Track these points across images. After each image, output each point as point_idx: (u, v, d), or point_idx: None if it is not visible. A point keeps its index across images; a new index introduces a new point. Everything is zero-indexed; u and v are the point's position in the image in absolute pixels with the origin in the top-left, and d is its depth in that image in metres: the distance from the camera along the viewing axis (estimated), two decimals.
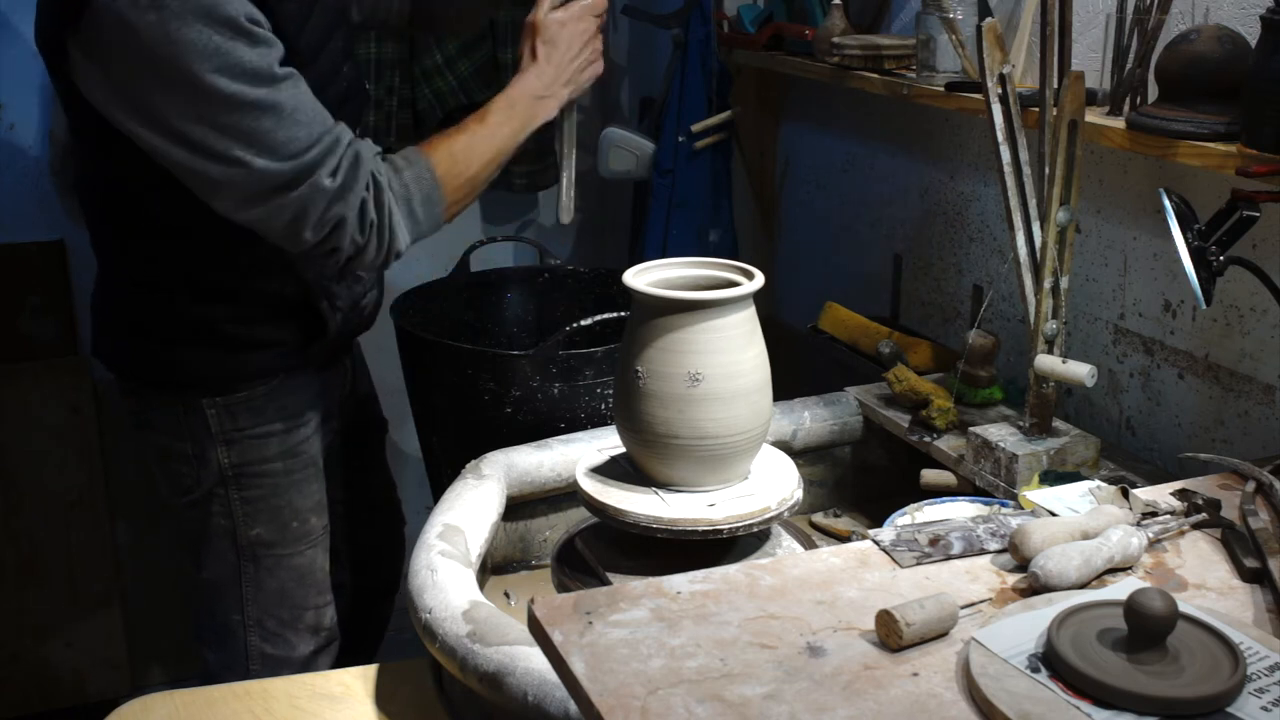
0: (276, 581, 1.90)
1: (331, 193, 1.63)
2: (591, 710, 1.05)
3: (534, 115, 1.86)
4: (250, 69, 1.56)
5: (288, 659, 1.93)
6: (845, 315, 2.33)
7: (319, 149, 1.62)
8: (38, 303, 2.69)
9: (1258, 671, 1.06)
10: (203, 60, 1.53)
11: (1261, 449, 1.66)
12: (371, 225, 1.68)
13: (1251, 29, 1.56)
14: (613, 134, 2.80)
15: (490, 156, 1.81)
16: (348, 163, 1.65)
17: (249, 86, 1.56)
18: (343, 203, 1.65)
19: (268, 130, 1.58)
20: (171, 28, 1.52)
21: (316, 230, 1.65)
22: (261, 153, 1.59)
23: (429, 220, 1.77)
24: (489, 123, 1.82)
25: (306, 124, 1.62)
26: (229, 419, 1.82)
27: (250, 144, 1.58)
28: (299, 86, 1.63)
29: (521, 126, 1.85)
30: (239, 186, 1.61)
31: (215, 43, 1.54)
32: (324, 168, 1.62)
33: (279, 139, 1.59)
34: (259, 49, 1.58)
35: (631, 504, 1.61)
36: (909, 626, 1.12)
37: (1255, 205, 1.45)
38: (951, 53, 2.03)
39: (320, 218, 1.64)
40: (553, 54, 1.87)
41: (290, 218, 1.63)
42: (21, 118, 2.64)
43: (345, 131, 1.68)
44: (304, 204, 1.62)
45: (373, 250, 1.70)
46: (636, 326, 1.60)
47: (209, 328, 1.78)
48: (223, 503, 1.86)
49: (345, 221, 1.65)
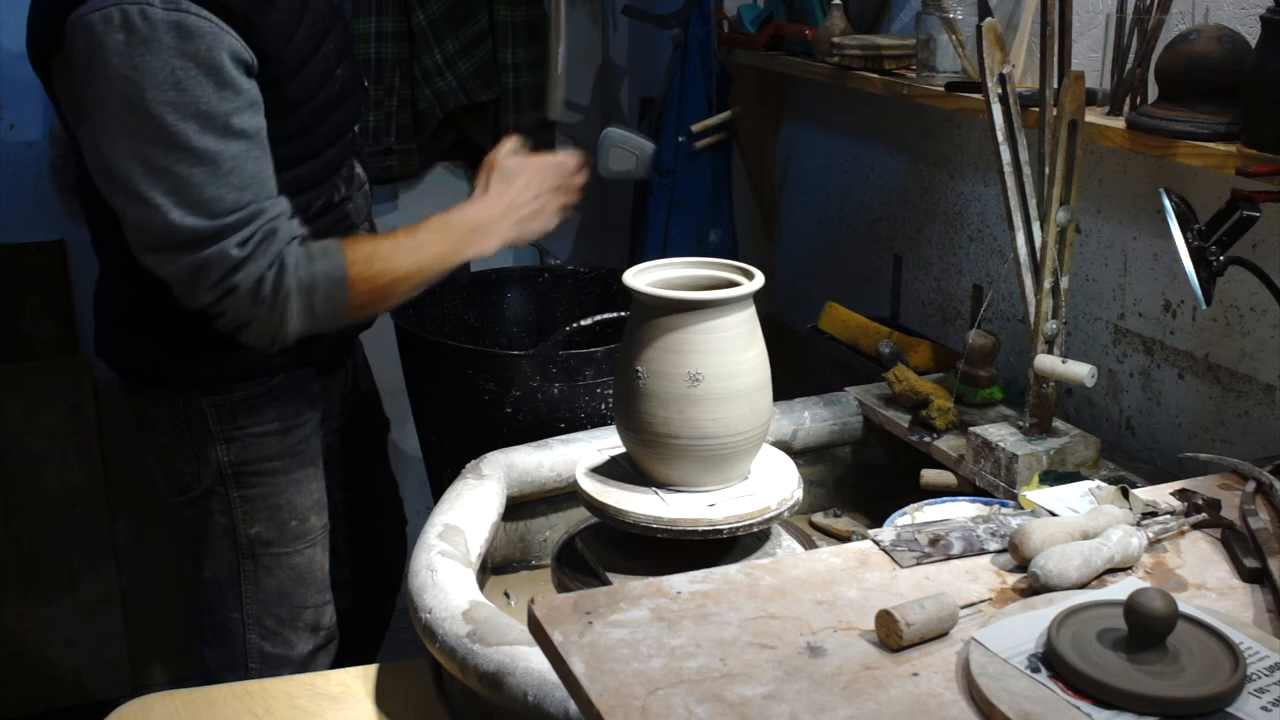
0: (275, 580, 1.90)
1: (234, 261, 1.60)
2: (591, 710, 1.05)
3: (468, 245, 1.79)
4: (204, 111, 1.54)
5: (287, 658, 1.93)
6: (845, 315, 2.33)
7: (238, 216, 1.59)
8: (38, 303, 2.69)
9: (1258, 671, 1.06)
10: (158, 90, 1.51)
11: (1261, 449, 1.66)
12: (264, 302, 1.63)
13: (1251, 29, 1.56)
14: (613, 134, 2.80)
15: (410, 270, 1.73)
16: (260, 236, 1.61)
17: (196, 130, 1.54)
18: (242, 273, 1.60)
19: (197, 183, 1.56)
20: (136, 52, 1.50)
21: (211, 292, 1.62)
22: (181, 204, 1.56)
23: (328, 316, 1.70)
24: (417, 238, 1.76)
25: (238, 188, 1.58)
26: (228, 418, 1.82)
27: (173, 192, 1.56)
28: (251, 151, 1.60)
29: (452, 251, 1.77)
30: (148, 232, 1.59)
31: (178, 76, 1.52)
32: (236, 235, 1.59)
33: (204, 195, 1.56)
34: (224, 93, 1.55)
35: (631, 504, 1.61)
36: (909, 626, 1.12)
37: (1255, 205, 1.45)
38: (951, 53, 2.03)
39: (216, 281, 1.61)
40: (505, 192, 1.82)
41: (189, 275, 1.61)
42: (21, 118, 2.64)
43: (274, 206, 1.64)
44: (206, 264, 1.59)
45: (259, 326, 1.66)
46: (636, 326, 1.60)
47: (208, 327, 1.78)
48: (222, 501, 1.86)
49: (238, 290, 1.61)
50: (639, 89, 3.17)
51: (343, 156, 1.84)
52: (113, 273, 1.85)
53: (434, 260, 1.75)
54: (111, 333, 1.88)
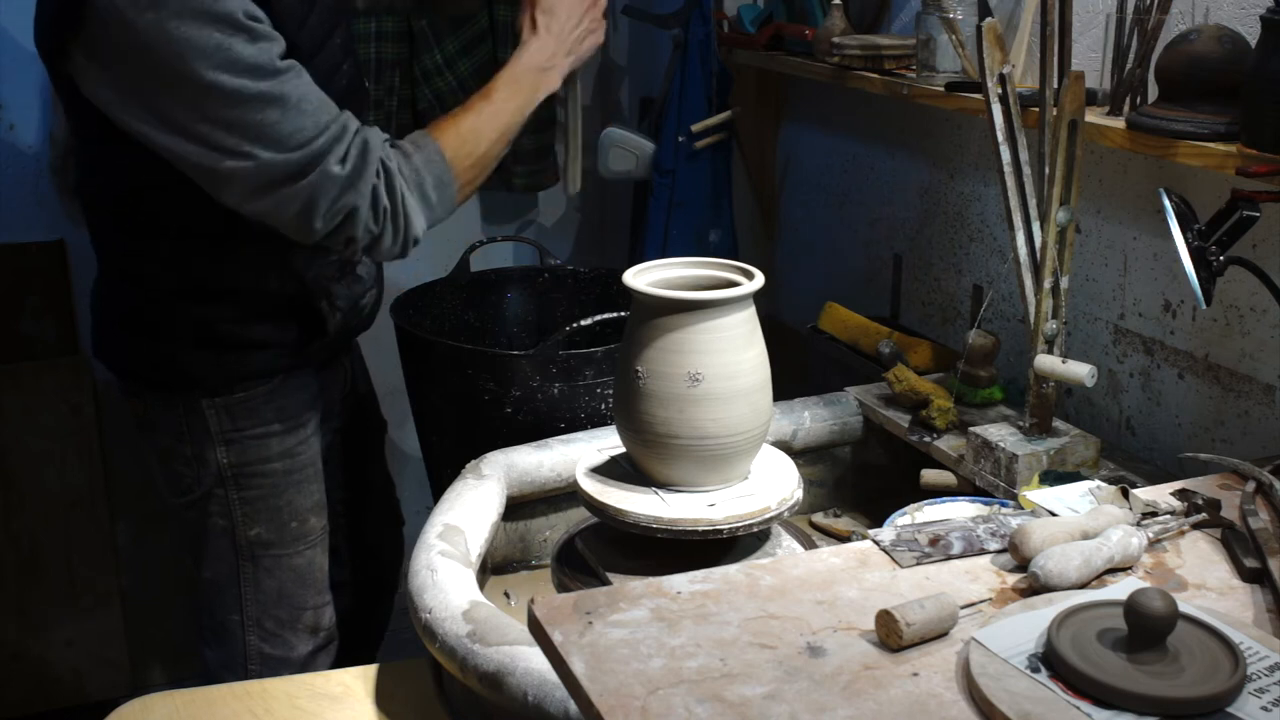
0: (275, 581, 1.90)
1: (341, 181, 1.63)
2: (591, 710, 1.05)
3: (538, 88, 1.85)
4: (251, 64, 1.57)
5: (286, 659, 1.93)
6: (845, 315, 2.33)
7: (325, 138, 1.62)
8: (38, 303, 2.69)
9: (1258, 671, 1.06)
10: (203, 58, 1.54)
11: (1261, 449, 1.66)
12: (385, 212, 1.68)
13: (1251, 29, 1.56)
14: (613, 134, 2.80)
15: (498, 134, 1.81)
16: (356, 150, 1.65)
17: (251, 81, 1.57)
18: (354, 191, 1.64)
19: (273, 122, 1.59)
20: (170, 26, 1.52)
21: (327, 220, 1.65)
22: (268, 145, 1.59)
23: (443, 203, 1.76)
24: (494, 100, 1.82)
25: (312, 114, 1.62)
26: (228, 419, 1.82)
27: (257, 137, 1.59)
28: (301, 77, 1.63)
29: (527, 100, 1.84)
30: (247, 179, 1.61)
31: (215, 40, 1.54)
32: (332, 156, 1.63)
33: (285, 130, 1.60)
34: (259, 44, 1.58)
35: (631, 504, 1.61)
36: (909, 626, 1.12)
37: (1255, 205, 1.45)
38: (951, 53, 2.03)
39: (331, 207, 1.64)
40: (552, 23, 1.87)
41: (299, 208, 1.63)
42: (21, 118, 2.64)
43: (352, 119, 1.68)
44: (313, 193, 1.62)
45: (389, 238, 1.70)
46: (636, 326, 1.60)
47: (209, 328, 1.78)
48: (222, 503, 1.86)
49: (358, 210, 1.65)
50: (639, 89, 3.17)
51: None
52: (113, 273, 1.85)
53: (515, 114, 1.83)
54: (111, 334, 1.88)
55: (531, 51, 1.86)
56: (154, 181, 1.67)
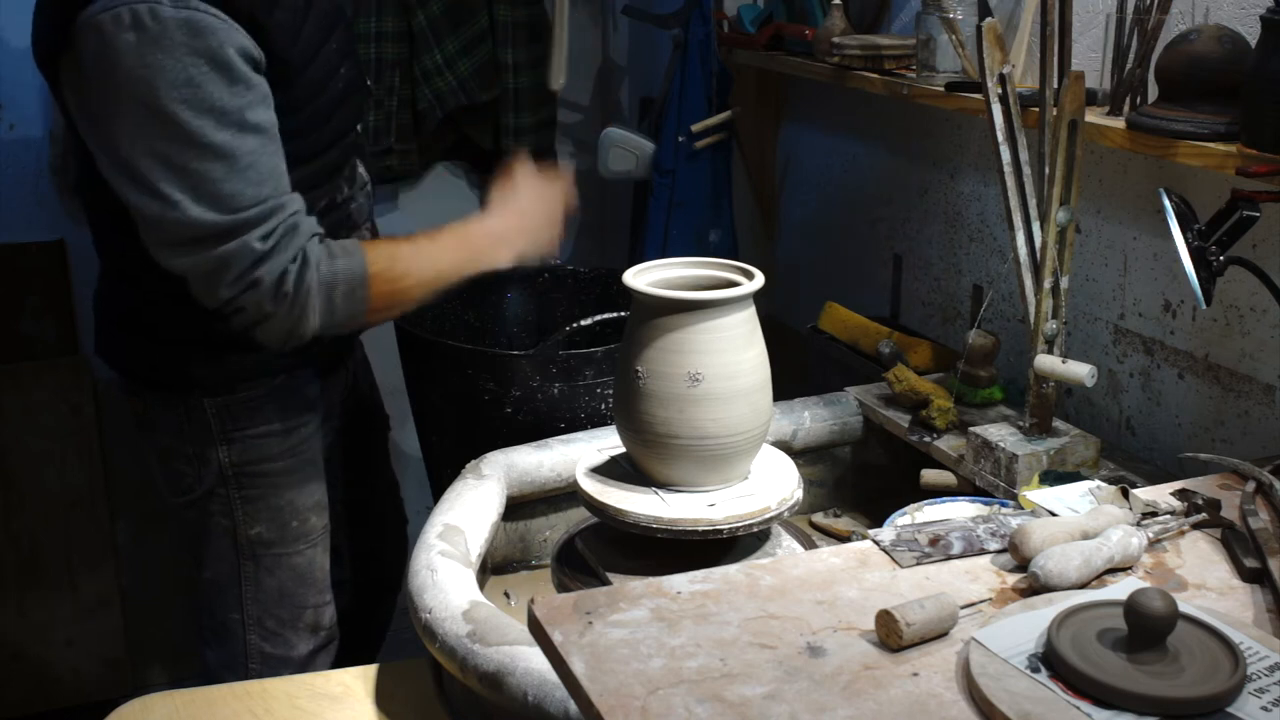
0: (276, 581, 1.90)
1: (258, 254, 1.59)
2: (591, 710, 1.05)
3: (484, 255, 1.80)
4: (219, 107, 1.54)
5: (287, 658, 1.93)
6: (845, 315, 2.33)
7: (258, 210, 1.59)
8: (38, 303, 2.69)
9: (1258, 671, 1.06)
10: (172, 88, 1.52)
11: (1261, 449, 1.66)
12: (285, 297, 1.62)
13: (1251, 29, 1.56)
14: (613, 134, 2.80)
15: (428, 276, 1.75)
16: (283, 230, 1.61)
17: (212, 126, 1.54)
18: (264, 266, 1.60)
19: (216, 178, 1.56)
20: (147, 50, 1.50)
21: (231, 288, 1.61)
22: (201, 199, 1.56)
23: (346, 314, 1.69)
24: (437, 243, 1.78)
25: (256, 183, 1.58)
26: (229, 418, 1.82)
27: (193, 188, 1.56)
28: (266, 146, 1.60)
29: (469, 259, 1.79)
30: (168, 229, 1.58)
31: (189, 73, 1.52)
32: (258, 229, 1.59)
33: (223, 190, 1.56)
34: (236, 88, 1.55)
35: (631, 504, 1.61)
36: (909, 626, 1.12)
37: (1255, 205, 1.45)
38: (951, 53, 2.03)
39: (239, 276, 1.60)
40: (519, 207, 1.85)
41: (210, 270, 1.60)
42: (21, 118, 2.64)
43: (293, 202, 1.64)
44: (227, 260, 1.59)
45: (280, 323, 1.65)
46: (636, 326, 1.60)
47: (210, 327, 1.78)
48: (223, 502, 1.86)
49: (260, 285, 1.61)
50: (639, 89, 3.17)
51: (346, 156, 1.84)
52: (114, 273, 1.85)
53: (452, 267, 1.77)
54: (112, 333, 1.88)
55: (492, 219, 1.84)
56: None
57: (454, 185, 3.10)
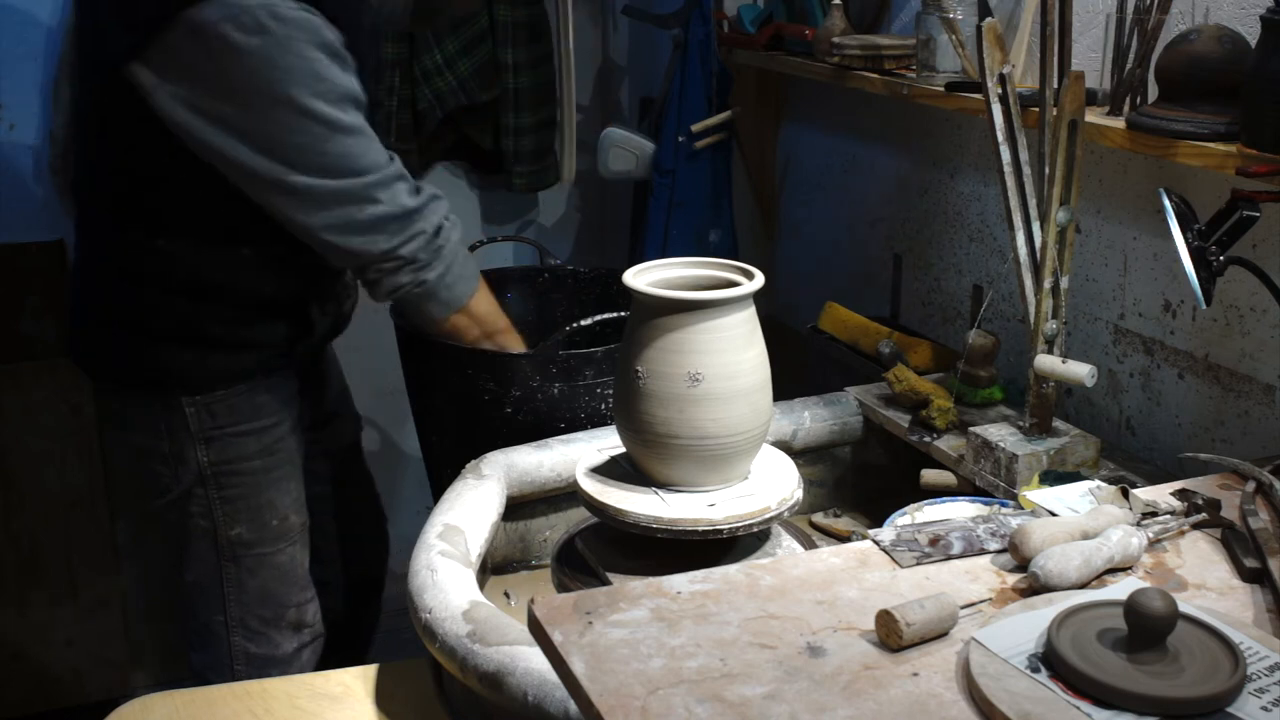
0: (258, 580, 1.90)
1: (411, 208, 1.75)
2: (591, 710, 1.05)
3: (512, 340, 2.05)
4: (344, 93, 1.66)
5: (272, 657, 1.93)
6: (845, 315, 2.33)
7: (392, 169, 1.74)
8: (38, 303, 2.68)
9: (1258, 671, 1.06)
10: (304, 84, 1.60)
11: (1261, 449, 1.66)
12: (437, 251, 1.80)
13: (1251, 29, 1.56)
14: (613, 134, 2.80)
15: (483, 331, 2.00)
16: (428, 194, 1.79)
17: (341, 110, 1.66)
18: (421, 219, 1.77)
19: (358, 152, 1.69)
20: (275, 53, 1.57)
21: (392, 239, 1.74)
22: (348, 170, 1.68)
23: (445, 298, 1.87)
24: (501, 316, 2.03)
25: (379, 149, 1.74)
26: (208, 417, 1.82)
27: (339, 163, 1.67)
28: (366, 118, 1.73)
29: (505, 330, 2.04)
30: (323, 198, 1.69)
31: (316, 68, 1.61)
32: (401, 186, 1.74)
33: (366, 161, 1.70)
34: (347, 72, 1.67)
35: (631, 504, 1.61)
36: (909, 626, 1.12)
37: (1255, 205, 1.45)
38: (951, 53, 2.03)
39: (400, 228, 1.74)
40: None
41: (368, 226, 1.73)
42: (21, 118, 2.64)
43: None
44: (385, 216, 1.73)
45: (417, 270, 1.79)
46: (636, 326, 1.60)
47: (199, 326, 1.79)
48: (202, 503, 1.86)
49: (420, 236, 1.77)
50: (639, 89, 3.17)
51: None
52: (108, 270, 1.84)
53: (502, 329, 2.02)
54: (90, 333, 1.87)
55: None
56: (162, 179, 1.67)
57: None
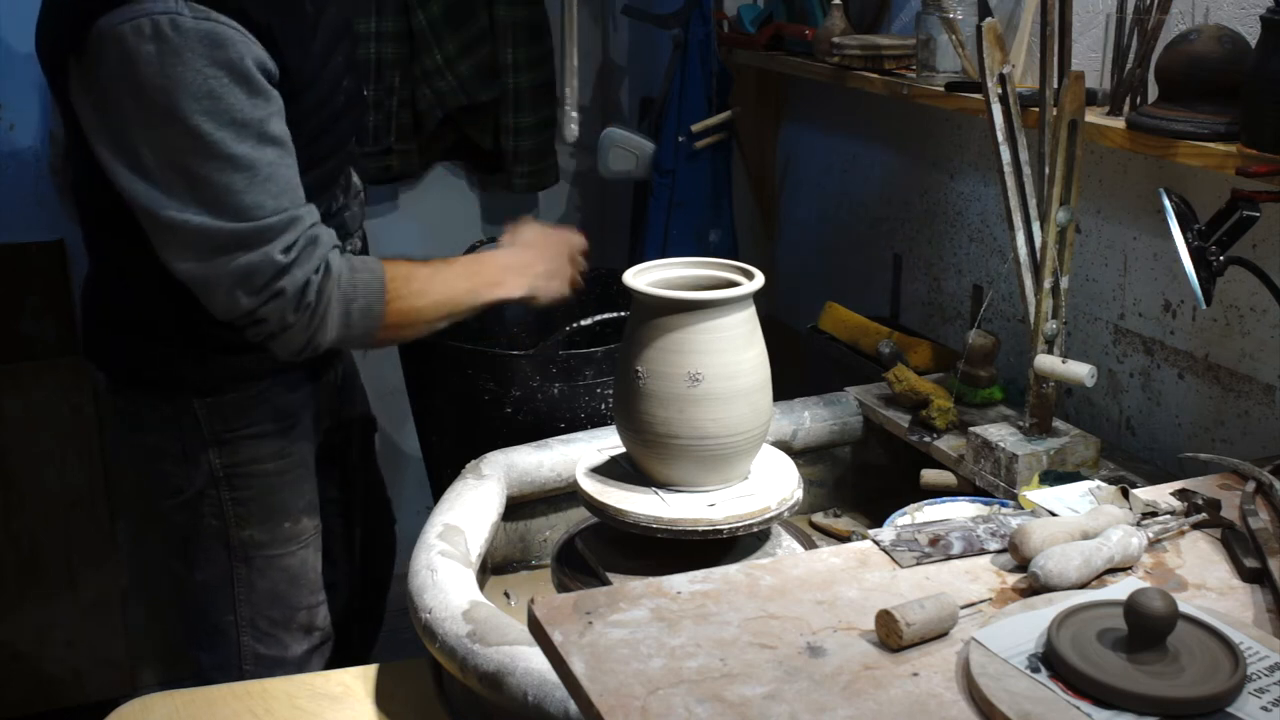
0: (268, 582, 1.90)
1: (280, 266, 1.60)
2: (591, 710, 1.05)
3: (496, 283, 1.85)
4: (239, 118, 1.55)
5: (281, 659, 1.92)
6: (845, 315, 2.33)
7: (279, 220, 1.60)
8: (38, 303, 2.69)
9: (1258, 671, 1.06)
10: (194, 100, 1.52)
11: (1261, 449, 1.66)
12: (307, 307, 1.64)
13: (1251, 29, 1.56)
14: (613, 134, 2.80)
15: (441, 299, 1.78)
16: (304, 241, 1.62)
17: (232, 137, 1.54)
18: (288, 276, 1.61)
19: (238, 189, 1.56)
20: (168, 61, 1.50)
21: (254, 298, 1.61)
22: (223, 211, 1.57)
23: (361, 327, 1.71)
24: (453, 268, 1.84)
25: (275, 194, 1.59)
26: (220, 420, 1.82)
27: (214, 199, 1.56)
28: (284, 159, 1.61)
29: (482, 285, 1.83)
30: (190, 238, 1.58)
31: (210, 85, 1.52)
32: (280, 240, 1.60)
33: (245, 202, 1.57)
34: (255, 100, 1.56)
35: (631, 504, 1.61)
36: (909, 626, 1.12)
37: (1255, 205, 1.45)
38: (951, 53, 2.03)
39: (261, 287, 1.61)
40: (530, 249, 1.93)
41: (232, 282, 1.60)
42: (21, 118, 2.64)
43: (311, 215, 1.65)
44: (250, 270, 1.59)
45: (298, 332, 1.66)
46: (636, 326, 1.60)
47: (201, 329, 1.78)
48: (214, 503, 1.85)
49: (283, 295, 1.61)
50: (639, 89, 3.17)
51: (341, 165, 1.85)
52: (108, 273, 1.84)
53: (465, 292, 1.81)
54: (102, 334, 1.87)
55: (504, 252, 1.91)
56: None
57: (454, 185, 3.10)
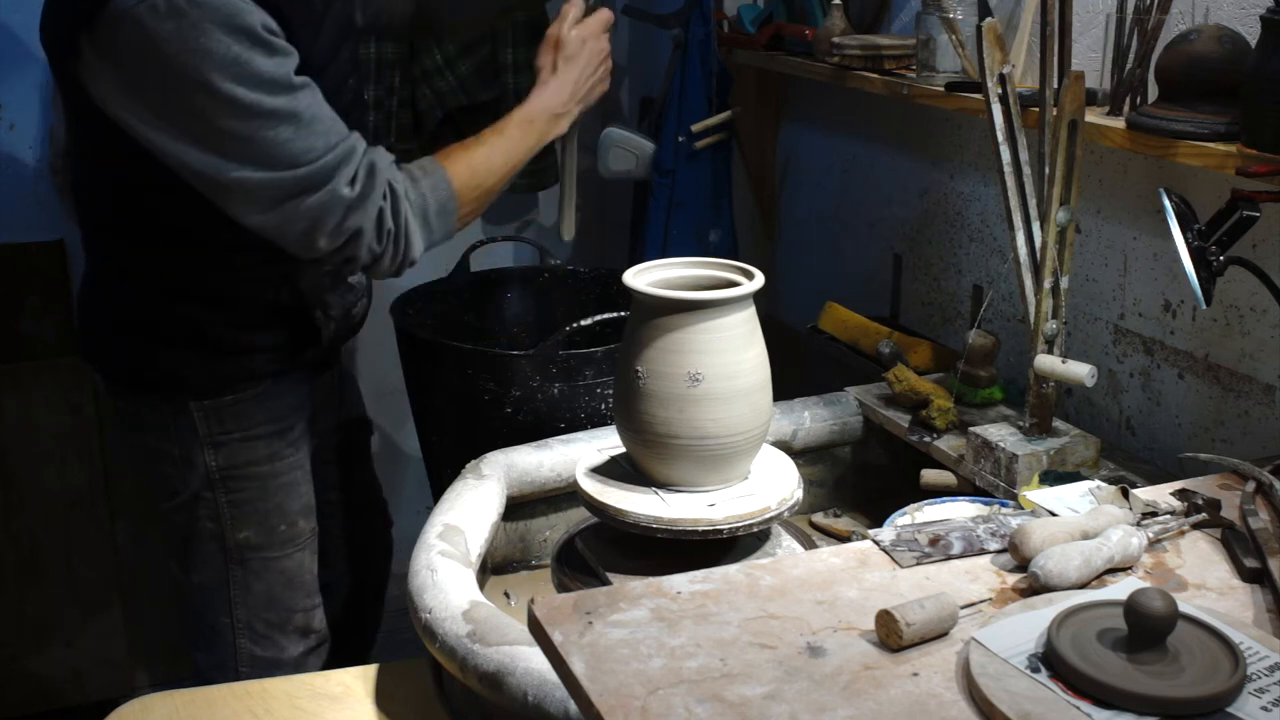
0: (265, 584, 1.90)
1: (349, 201, 1.65)
2: (591, 710, 1.05)
3: (549, 131, 1.90)
4: (268, 78, 1.58)
5: (278, 660, 1.92)
6: (845, 315, 2.33)
7: (335, 156, 1.64)
8: (38, 303, 2.68)
9: (1258, 671, 1.06)
10: (221, 69, 1.55)
11: (1261, 449, 1.66)
12: (389, 234, 1.71)
13: (1251, 29, 1.56)
14: (613, 134, 2.80)
15: (505, 170, 1.85)
16: (364, 171, 1.67)
17: (266, 95, 1.58)
18: (360, 212, 1.67)
19: (286, 139, 1.60)
20: (190, 36, 1.53)
21: (332, 238, 1.67)
22: (278, 162, 1.61)
23: (442, 229, 1.79)
24: (507, 135, 1.86)
25: (324, 133, 1.63)
26: (216, 422, 1.82)
27: (268, 151, 1.60)
28: (315, 96, 1.64)
29: (537, 142, 1.89)
30: (255, 192, 1.62)
31: (234, 52, 1.55)
32: (341, 176, 1.64)
33: (297, 148, 1.61)
34: (276, 58, 1.59)
35: (631, 504, 1.61)
36: (909, 626, 1.12)
37: (1255, 205, 1.45)
38: (951, 53, 2.03)
39: (337, 226, 1.66)
40: (571, 70, 1.91)
41: (306, 225, 1.65)
42: (21, 118, 2.64)
43: (360, 140, 1.70)
44: (320, 211, 1.64)
45: (388, 258, 1.73)
46: (636, 326, 1.60)
47: (201, 331, 1.78)
48: (210, 506, 1.85)
49: (362, 231, 1.68)
50: (639, 89, 3.17)
51: None
52: (109, 273, 1.84)
53: (523, 154, 1.88)
54: (101, 334, 1.87)
55: (549, 94, 1.90)
56: (155, 183, 1.66)
57: None
